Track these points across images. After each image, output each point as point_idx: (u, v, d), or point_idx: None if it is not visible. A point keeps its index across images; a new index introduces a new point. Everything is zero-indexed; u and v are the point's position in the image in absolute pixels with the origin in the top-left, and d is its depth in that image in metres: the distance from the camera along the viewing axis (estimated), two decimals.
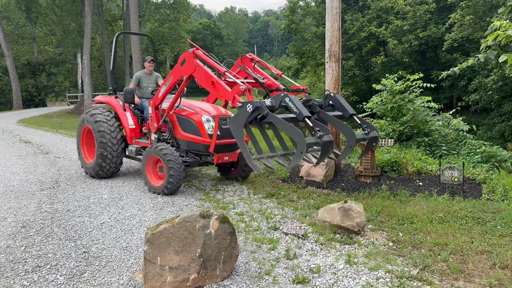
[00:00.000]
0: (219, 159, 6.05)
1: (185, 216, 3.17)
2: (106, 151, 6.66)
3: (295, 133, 4.03)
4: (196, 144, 6.06)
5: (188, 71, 5.54)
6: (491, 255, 3.66)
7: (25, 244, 4.04)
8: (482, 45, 5.67)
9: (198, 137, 6.01)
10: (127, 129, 6.80)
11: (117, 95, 7.26)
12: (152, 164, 6.09)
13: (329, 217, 4.26)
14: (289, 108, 4.32)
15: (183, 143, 6.23)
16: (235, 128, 4.42)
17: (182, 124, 6.21)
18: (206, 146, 5.93)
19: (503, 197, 5.61)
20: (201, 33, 66.92)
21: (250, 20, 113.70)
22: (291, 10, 33.00)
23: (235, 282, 3.22)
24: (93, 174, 6.94)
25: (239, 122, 4.35)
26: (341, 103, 5.02)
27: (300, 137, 3.97)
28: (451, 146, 9.10)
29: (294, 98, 4.40)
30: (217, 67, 5.39)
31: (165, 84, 6.03)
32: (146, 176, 6.10)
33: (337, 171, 7.24)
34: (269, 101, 4.41)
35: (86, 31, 27.85)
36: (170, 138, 6.43)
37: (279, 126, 4.33)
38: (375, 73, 30.09)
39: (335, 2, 6.94)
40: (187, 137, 6.13)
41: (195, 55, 5.46)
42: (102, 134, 6.65)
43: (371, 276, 3.29)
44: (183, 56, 5.62)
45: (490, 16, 18.03)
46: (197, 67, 5.38)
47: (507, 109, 18.79)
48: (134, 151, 6.83)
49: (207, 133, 5.93)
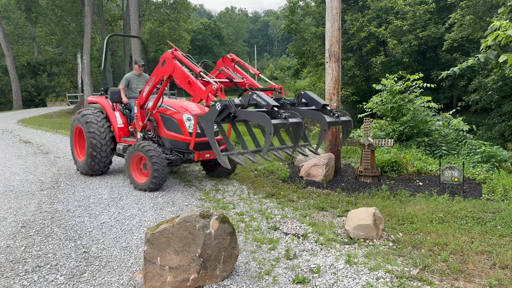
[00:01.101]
0: (200, 156, 6.25)
1: (185, 216, 3.17)
2: (95, 151, 6.90)
3: (261, 118, 4.24)
4: (178, 142, 6.34)
5: (168, 71, 5.79)
6: (491, 255, 3.67)
7: (25, 244, 4.04)
8: (482, 45, 5.67)
9: (179, 135, 6.30)
10: (116, 128, 7.05)
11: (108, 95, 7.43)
12: (136, 162, 6.28)
13: (363, 223, 4.14)
14: (258, 103, 4.56)
15: (167, 141, 6.50)
16: (206, 126, 4.69)
17: (165, 122, 6.49)
18: (187, 144, 6.19)
19: (503, 197, 5.61)
20: (201, 33, 66.89)
21: (250, 20, 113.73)
22: (291, 10, 33.02)
23: (235, 282, 3.22)
24: (84, 171, 7.20)
25: (209, 120, 4.61)
26: (312, 98, 5.19)
27: (266, 119, 4.16)
28: (451, 146, 9.10)
29: (262, 93, 4.66)
30: (193, 67, 5.64)
31: (149, 84, 6.26)
32: (131, 174, 6.29)
33: (337, 171, 7.24)
34: (238, 99, 4.68)
35: (86, 31, 27.86)
36: (154, 137, 6.69)
37: (248, 119, 4.56)
38: (375, 73, 30.11)
39: (335, 2, 6.94)
40: (170, 135, 6.41)
41: (174, 56, 5.71)
42: (92, 135, 6.88)
43: (371, 276, 3.29)
44: (163, 57, 5.84)
45: (490, 16, 18.03)
46: (175, 67, 5.65)
47: (507, 109, 18.80)
48: (121, 149, 7.01)
49: (188, 132, 6.20)
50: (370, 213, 4.15)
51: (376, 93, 10.54)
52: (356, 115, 11.59)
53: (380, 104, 10.10)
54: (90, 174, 7.17)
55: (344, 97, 27.12)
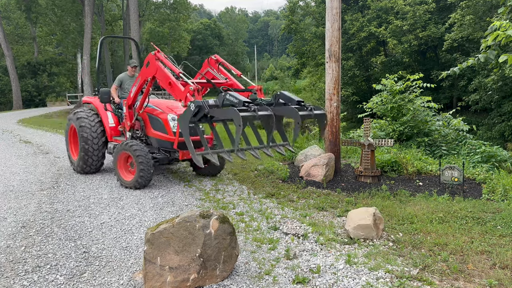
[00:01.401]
0: (184, 155, 6.43)
1: (185, 216, 3.17)
2: (87, 156, 7.12)
3: (231, 113, 4.53)
4: (164, 141, 6.51)
5: (151, 73, 5.99)
6: (491, 255, 3.66)
7: (25, 244, 4.04)
8: (482, 45, 5.66)
9: (164, 135, 6.48)
10: (107, 128, 7.22)
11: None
12: (123, 160, 6.43)
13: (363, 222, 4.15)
14: (231, 102, 4.78)
15: (154, 140, 6.69)
16: (182, 125, 4.96)
17: (152, 122, 6.67)
18: (172, 143, 6.37)
19: (503, 197, 5.61)
20: (201, 33, 66.90)
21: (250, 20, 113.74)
22: (291, 10, 33.03)
23: (235, 282, 3.22)
24: (79, 169, 7.35)
25: (185, 120, 4.89)
26: (287, 96, 5.45)
27: (235, 113, 4.43)
28: (451, 146, 9.10)
29: (234, 93, 4.96)
30: (173, 68, 5.82)
31: (135, 85, 6.47)
32: (118, 172, 6.42)
33: (337, 171, 7.24)
34: (212, 100, 4.93)
35: (86, 31, 27.88)
36: (142, 136, 6.89)
37: (223, 117, 4.83)
38: (375, 73, 30.12)
39: (335, 2, 6.94)
40: (156, 134, 6.59)
41: (157, 58, 5.89)
42: (84, 139, 7.04)
43: (371, 276, 3.29)
44: (147, 58, 6.04)
45: (490, 16, 18.04)
46: (158, 69, 5.85)
47: (507, 109, 18.80)
48: (112, 148, 7.15)
49: (172, 131, 6.36)
50: (370, 213, 4.15)
51: (376, 93, 10.54)
52: (356, 115, 11.61)
53: (380, 104, 10.09)
54: (84, 172, 7.30)
55: (344, 97, 27.12)
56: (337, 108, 7.14)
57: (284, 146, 5.81)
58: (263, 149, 5.53)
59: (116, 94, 7.23)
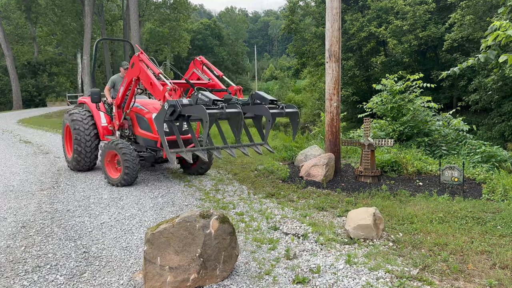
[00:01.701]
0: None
1: (185, 216, 3.17)
2: (80, 157, 7.33)
3: (199, 110, 4.77)
4: (150, 140, 6.69)
5: (136, 73, 6.17)
6: (491, 255, 3.66)
7: (25, 244, 4.04)
8: (482, 45, 5.66)
9: (150, 134, 6.65)
10: (100, 127, 7.45)
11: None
12: (110, 158, 6.60)
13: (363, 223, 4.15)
14: (203, 101, 4.97)
15: (140, 139, 6.88)
16: (157, 124, 5.17)
17: (139, 121, 6.86)
18: (156, 142, 6.57)
19: (503, 197, 5.60)
20: (201, 33, 66.90)
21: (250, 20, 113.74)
22: (291, 10, 33.03)
23: (235, 282, 3.22)
24: (73, 167, 7.59)
25: (160, 118, 5.09)
26: (262, 96, 5.69)
27: (202, 110, 4.67)
28: (451, 146, 9.10)
29: (206, 92, 5.17)
30: (153, 69, 6.00)
31: (123, 86, 6.67)
32: (105, 169, 6.59)
33: (337, 171, 7.24)
34: (186, 100, 5.13)
35: (86, 31, 27.89)
36: (131, 135, 7.08)
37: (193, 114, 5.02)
38: (375, 73, 30.12)
39: (335, 2, 6.94)
40: (143, 133, 6.78)
41: (140, 59, 6.07)
42: (78, 142, 7.27)
43: (371, 276, 3.29)
44: (132, 60, 6.21)
45: (490, 16, 18.04)
46: (141, 70, 6.02)
47: (507, 109, 18.80)
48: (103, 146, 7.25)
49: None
50: (370, 213, 4.15)
51: (376, 93, 10.54)
52: (356, 115, 11.61)
53: (380, 104, 10.10)
54: (78, 169, 7.53)
55: (344, 97, 27.13)
56: (337, 108, 7.14)
57: (263, 145, 6.05)
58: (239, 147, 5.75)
59: (109, 95, 7.41)
